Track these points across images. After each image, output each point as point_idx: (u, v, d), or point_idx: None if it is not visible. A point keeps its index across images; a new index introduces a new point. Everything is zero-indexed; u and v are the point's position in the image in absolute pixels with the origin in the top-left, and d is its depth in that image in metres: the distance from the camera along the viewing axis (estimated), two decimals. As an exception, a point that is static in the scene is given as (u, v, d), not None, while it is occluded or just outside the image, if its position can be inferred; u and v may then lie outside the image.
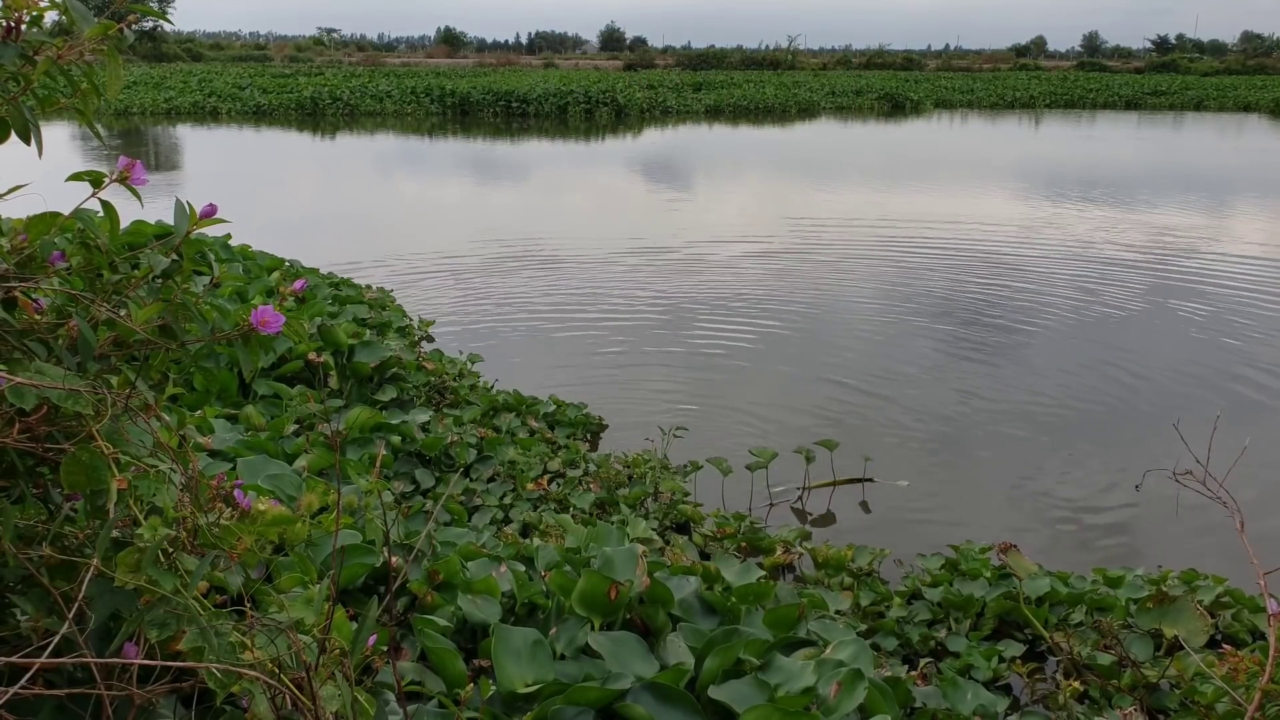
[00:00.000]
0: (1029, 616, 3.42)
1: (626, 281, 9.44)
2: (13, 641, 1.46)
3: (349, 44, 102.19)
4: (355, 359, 5.36)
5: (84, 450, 1.39)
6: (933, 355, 7.20)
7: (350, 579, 2.74)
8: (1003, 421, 5.92)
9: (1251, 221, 13.68)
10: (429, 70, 51.42)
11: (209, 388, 4.64)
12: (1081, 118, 36.52)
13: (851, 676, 2.42)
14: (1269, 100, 39.08)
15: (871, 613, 3.57)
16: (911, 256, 10.70)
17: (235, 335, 1.57)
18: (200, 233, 1.93)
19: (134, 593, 1.42)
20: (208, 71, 44.96)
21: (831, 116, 35.02)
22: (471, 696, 2.26)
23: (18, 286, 1.49)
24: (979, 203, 14.87)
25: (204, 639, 1.42)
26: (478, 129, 28.79)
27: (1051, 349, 7.41)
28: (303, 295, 5.97)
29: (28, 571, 1.46)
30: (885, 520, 4.70)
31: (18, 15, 1.44)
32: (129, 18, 1.55)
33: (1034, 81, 50.37)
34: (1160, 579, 3.62)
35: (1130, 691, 3.01)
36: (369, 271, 9.33)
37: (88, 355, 1.48)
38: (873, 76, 51.22)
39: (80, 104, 1.55)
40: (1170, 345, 7.53)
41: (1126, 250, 11.12)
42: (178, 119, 29.56)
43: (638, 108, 33.66)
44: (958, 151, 24.21)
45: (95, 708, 1.45)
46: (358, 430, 4.45)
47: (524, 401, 5.53)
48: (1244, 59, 71.28)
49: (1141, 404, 6.25)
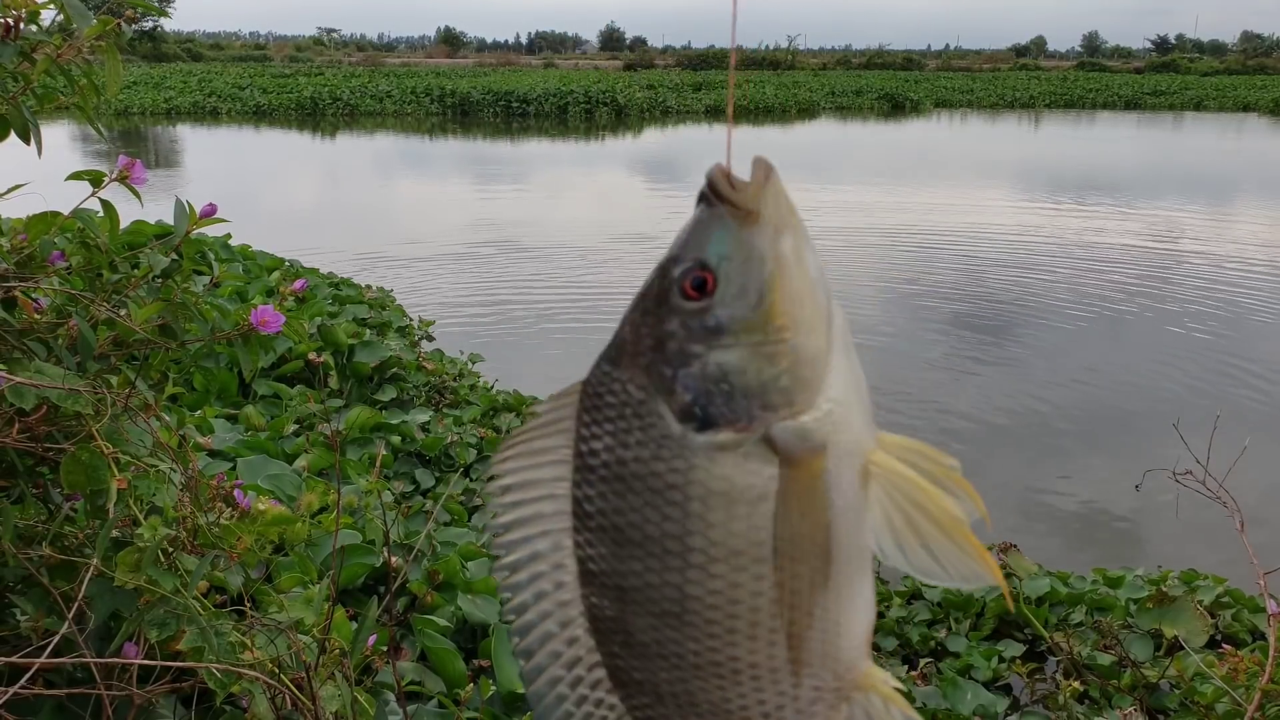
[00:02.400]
0: (1029, 616, 3.42)
1: (628, 280, 9.44)
2: (13, 641, 1.46)
3: (349, 44, 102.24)
4: (355, 359, 5.36)
5: (84, 450, 1.38)
6: (932, 355, 7.20)
7: (350, 579, 2.74)
8: (1002, 421, 5.91)
9: (1252, 221, 13.68)
10: (429, 70, 51.42)
11: (209, 387, 4.64)
12: (1081, 118, 36.52)
13: (851, 676, 2.42)
14: (1269, 100, 39.06)
15: (871, 613, 3.57)
16: (911, 256, 10.71)
17: (235, 335, 1.57)
18: (200, 232, 1.93)
19: (134, 593, 1.42)
20: (207, 71, 44.94)
21: (831, 116, 35.02)
22: (471, 696, 2.26)
23: (18, 286, 1.49)
24: (979, 203, 14.87)
25: (204, 639, 1.42)
26: (478, 129, 28.79)
27: (1051, 349, 7.41)
28: (303, 295, 5.97)
29: (28, 571, 1.45)
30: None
31: (16, 14, 1.44)
32: (127, 15, 1.54)
33: (1034, 81, 50.36)
34: (1160, 579, 3.62)
35: (1130, 691, 3.01)
36: (369, 271, 9.33)
37: (87, 355, 1.48)
38: (872, 76, 51.18)
39: (80, 102, 1.55)
40: (1170, 345, 7.53)
41: (1126, 250, 11.12)
42: (178, 119, 29.55)
43: (638, 108, 33.65)
44: (958, 151, 24.21)
45: (95, 708, 1.45)
46: (357, 430, 4.45)
47: (524, 401, 5.53)
48: (1244, 59, 71.29)
49: (1141, 404, 6.25)
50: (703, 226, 0.64)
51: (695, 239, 0.64)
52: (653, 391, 0.62)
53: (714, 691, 0.64)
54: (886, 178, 18.04)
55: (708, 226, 0.64)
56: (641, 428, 0.62)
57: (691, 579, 0.62)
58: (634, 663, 0.65)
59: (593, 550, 0.64)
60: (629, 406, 0.63)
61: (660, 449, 0.62)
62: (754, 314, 0.62)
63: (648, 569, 0.63)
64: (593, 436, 0.64)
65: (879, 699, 0.66)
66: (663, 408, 0.62)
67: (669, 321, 0.63)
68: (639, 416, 0.63)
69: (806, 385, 0.62)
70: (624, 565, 0.63)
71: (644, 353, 0.63)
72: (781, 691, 0.64)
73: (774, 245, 0.63)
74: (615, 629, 0.65)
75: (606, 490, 0.63)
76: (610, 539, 0.63)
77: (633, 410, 0.63)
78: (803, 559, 0.62)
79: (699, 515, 0.61)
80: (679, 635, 0.63)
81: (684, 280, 0.63)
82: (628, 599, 0.64)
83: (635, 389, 0.63)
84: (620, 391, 0.63)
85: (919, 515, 0.63)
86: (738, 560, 0.61)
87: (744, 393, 0.61)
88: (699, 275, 0.63)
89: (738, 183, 0.64)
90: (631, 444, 0.63)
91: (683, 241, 0.64)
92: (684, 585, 0.62)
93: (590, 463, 0.64)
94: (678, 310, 0.63)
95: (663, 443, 0.62)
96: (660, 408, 0.62)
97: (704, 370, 0.62)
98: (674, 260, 0.64)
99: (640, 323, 0.64)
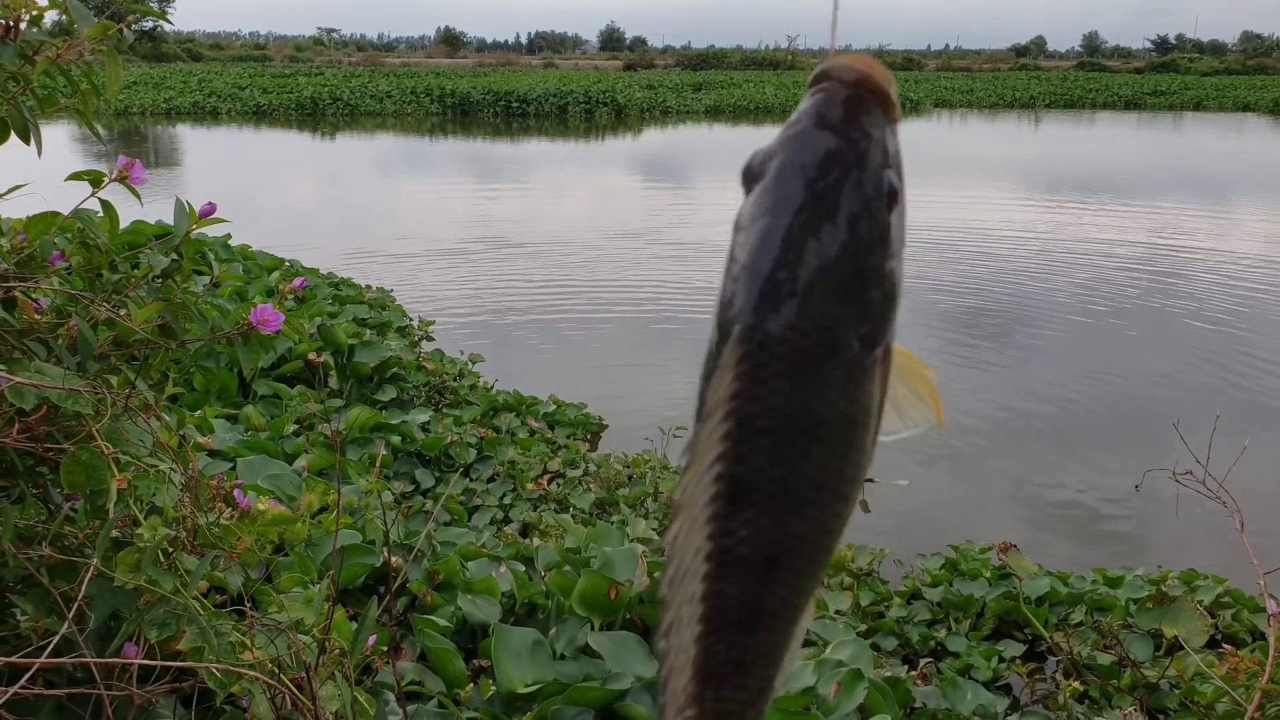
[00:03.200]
0: (1029, 616, 3.42)
1: (628, 280, 9.44)
2: (12, 641, 1.46)
3: (349, 44, 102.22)
4: (355, 359, 5.36)
5: (84, 450, 1.39)
6: (933, 355, 7.20)
7: (350, 579, 2.74)
8: (1003, 421, 5.92)
9: (1252, 220, 13.68)
10: (429, 70, 51.42)
11: (209, 387, 4.64)
12: (1081, 118, 36.52)
13: (851, 676, 2.42)
14: (1268, 100, 39.07)
15: (871, 613, 3.57)
16: (912, 256, 10.68)
17: (235, 335, 1.57)
18: (200, 232, 1.93)
19: (134, 593, 1.42)
20: (207, 71, 44.94)
21: (831, 116, 34.96)
22: (471, 696, 2.26)
23: (17, 286, 1.49)
24: (979, 203, 14.87)
25: (204, 639, 1.42)
26: (478, 129, 28.79)
27: (1052, 348, 7.41)
28: (302, 295, 5.97)
29: (27, 571, 1.45)
30: (885, 520, 4.70)
31: (17, 14, 1.44)
32: (129, 17, 1.54)
33: (1034, 81, 50.35)
34: (1160, 579, 3.62)
35: (1130, 691, 3.01)
36: (369, 271, 9.33)
37: (87, 355, 1.48)
38: (873, 76, 51.01)
39: (80, 104, 1.55)
40: (1170, 344, 7.53)
41: (1126, 249, 11.12)
42: (177, 119, 29.56)
43: (637, 108, 33.65)
44: (958, 151, 24.20)
45: (95, 708, 1.45)
46: (357, 430, 4.45)
47: (524, 401, 5.53)
48: (1244, 59, 71.28)
49: (1140, 403, 6.25)
50: (873, 129, 0.58)
51: (872, 142, 0.58)
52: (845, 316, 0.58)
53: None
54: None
55: (879, 129, 0.58)
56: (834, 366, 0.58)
57: (840, 513, 0.62)
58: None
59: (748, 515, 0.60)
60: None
61: (846, 384, 0.58)
62: (904, 222, 0.62)
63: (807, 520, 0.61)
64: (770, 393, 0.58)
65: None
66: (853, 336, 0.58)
67: (868, 233, 0.58)
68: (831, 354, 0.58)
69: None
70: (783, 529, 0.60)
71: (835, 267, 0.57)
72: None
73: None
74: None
75: (784, 449, 0.58)
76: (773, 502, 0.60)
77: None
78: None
79: (865, 449, 0.60)
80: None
81: (887, 190, 0.59)
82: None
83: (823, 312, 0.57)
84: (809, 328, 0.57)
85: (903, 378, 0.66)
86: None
87: (895, 302, 0.61)
88: (894, 185, 0.59)
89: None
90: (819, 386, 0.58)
91: (854, 143, 0.57)
92: (832, 523, 0.61)
93: (763, 424, 0.58)
94: (880, 222, 0.59)
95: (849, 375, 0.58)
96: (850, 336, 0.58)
97: (883, 288, 0.59)
98: (860, 163, 0.57)
99: (832, 237, 0.57)
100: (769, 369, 0.56)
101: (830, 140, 0.57)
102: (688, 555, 0.58)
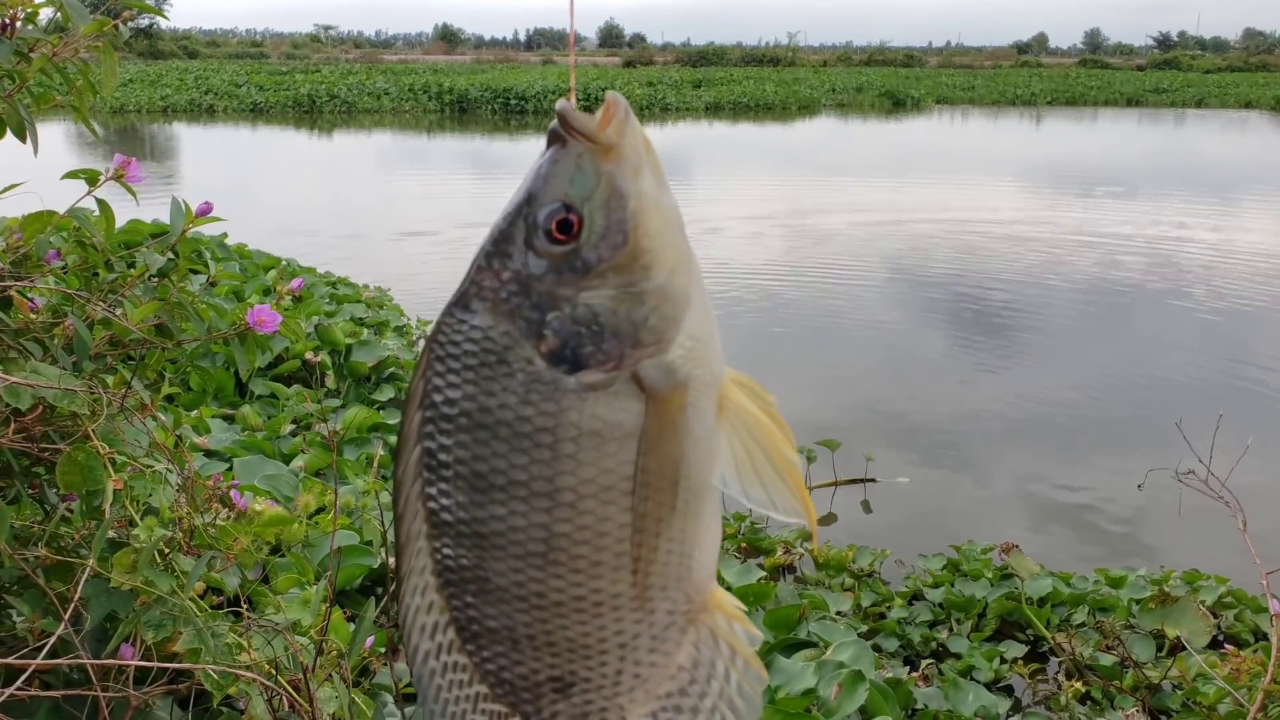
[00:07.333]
0: (1031, 617, 3.41)
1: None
2: (9, 643, 1.45)
3: (346, 41, 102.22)
4: (352, 358, 5.35)
5: (80, 450, 1.37)
6: (935, 354, 7.19)
7: (347, 580, 2.73)
8: (1004, 421, 5.91)
9: (1255, 219, 13.67)
10: (426, 67, 51.35)
11: (205, 387, 4.63)
12: (1083, 115, 36.51)
13: (852, 678, 2.41)
14: (1270, 98, 39.05)
15: (873, 614, 3.56)
16: (912, 255, 10.69)
17: (231, 334, 1.56)
18: (196, 231, 1.92)
19: (130, 593, 1.42)
20: (204, 69, 44.86)
21: (832, 114, 35.00)
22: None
23: (13, 285, 1.48)
24: (981, 200, 14.86)
25: (200, 640, 1.41)
26: (476, 126, 28.78)
27: (1053, 348, 7.40)
28: (299, 294, 5.94)
29: (24, 572, 1.44)
30: (887, 520, 4.69)
31: (13, 12, 1.43)
32: (124, 14, 1.53)
33: (1035, 79, 50.33)
34: (1162, 579, 3.61)
35: (1132, 692, 3.00)
36: (367, 270, 9.31)
37: (83, 354, 1.47)
38: (873, 73, 51.14)
39: (76, 101, 1.54)
40: (1172, 344, 7.52)
41: (1127, 249, 11.11)
42: (174, 116, 29.52)
43: (637, 105, 33.58)
44: (959, 149, 24.20)
45: (91, 709, 1.44)
46: (355, 430, 4.44)
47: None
48: (1246, 56, 71.32)
49: (1142, 403, 6.24)
50: (562, 165, 0.62)
51: (555, 179, 0.62)
52: (518, 337, 0.62)
53: (574, 627, 0.64)
54: (887, 174, 18.03)
55: (567, 165, 0.62)
56: (507, 374, 0.62)
57: (560, 517, 0.62)
58: (489, 610, 0.64)
59: (448, 500, 0.64)
60: (492, 354, 0.62)
61: (529, 393, 0.61)
62: (621, 254, 0.62)
63: (512, 512, 0.62)
64: (448, 386, 0.63)
65: (724, 617, 0.68)
66: (530, 352, 0.61)
67: (534, 266, 0.62)
68: (504, 363, 0.62)
69: (672, 322, 0.63)
70: (485, 511, 0.63)
71: (507, 299, 0.62)
72: (638, 619, 0.65)
73: (635, 183, 0.62)
74: (470, 579, 0.64)
75: (467, 439, 0.62)
76: (470, 487, 0.63)
77: (496, 357, 0.62)
78: (663, 488, 0.63)
79: (570, 455, 0.62)
80: (542, 574, 0.63)
81: (549, 223, 0.61)
82: (487, 545, 0.63)
83: (498, 335, 0.62)
84: (480, 339, 0.62)
85: (758, 450, 0.65)
86: (607, 495, 0.62)
87: (614, 333, 0.61)
88: (565, 217, 0.61)
89: (590, 119, 0.62)
90: (496, 391, 0.62)
91: (540, 182, 0.62)
92: (551, 524, 0.62)
93: (446, 413, 0.63)
94: (544, 254, 0.62)
95: (531, 387, 0.61)
96: (528, 353, 0.61)
97: (574, 313, 0.61)
98: (533, 202, 0.62)
99: (501, 268, 0.62)
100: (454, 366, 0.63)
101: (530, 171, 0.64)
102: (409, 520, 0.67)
